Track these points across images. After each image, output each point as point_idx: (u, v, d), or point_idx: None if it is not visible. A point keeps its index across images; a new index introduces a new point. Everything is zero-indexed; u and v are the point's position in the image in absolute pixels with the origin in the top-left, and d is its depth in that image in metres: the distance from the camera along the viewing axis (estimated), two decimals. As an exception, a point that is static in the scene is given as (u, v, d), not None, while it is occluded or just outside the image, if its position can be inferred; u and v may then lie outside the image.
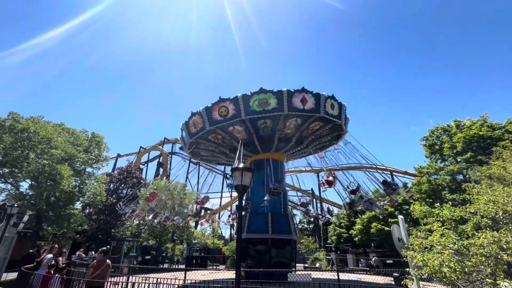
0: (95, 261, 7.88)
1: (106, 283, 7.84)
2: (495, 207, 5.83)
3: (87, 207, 24.97)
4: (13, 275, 13.80)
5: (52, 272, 8.78)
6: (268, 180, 17.20)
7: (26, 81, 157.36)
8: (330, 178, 15.30)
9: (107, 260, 7.79)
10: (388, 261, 21.80)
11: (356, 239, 26.45)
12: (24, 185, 18.73)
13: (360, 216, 23.24)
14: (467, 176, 17.48)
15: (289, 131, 17.36)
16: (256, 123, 16.51)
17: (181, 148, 43.98)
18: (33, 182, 17.53)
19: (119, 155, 48.11)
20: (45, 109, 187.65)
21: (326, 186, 15.19)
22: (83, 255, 16.94)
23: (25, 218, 25.36)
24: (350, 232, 28.07)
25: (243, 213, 17.52)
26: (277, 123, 16.32)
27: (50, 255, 9.47)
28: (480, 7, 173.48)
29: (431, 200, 18.43)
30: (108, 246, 8.49)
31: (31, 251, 13.68)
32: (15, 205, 14.17)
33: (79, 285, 9.05)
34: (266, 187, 17.15)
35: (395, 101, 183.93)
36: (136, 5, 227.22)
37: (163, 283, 9.52)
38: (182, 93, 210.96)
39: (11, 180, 17.62)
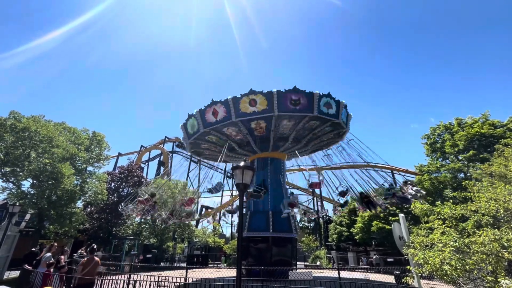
0: (84, 259, 8.02)
1: (95, 279, 8.02)
2: (496, 205, 5.81)
3: (89, 206, 25.02)
4: (15, 274, 13.88)
5: (51, 270, 8.83)
6: (269, 179, 17.19)
7: (27, 82, 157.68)
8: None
9: (96, 258, 7.91)
10: (389, 259, 21.80)
11: (357, 237, 26.46)
12: (26, 184, 18.80)
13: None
14: (468, 174, 17.45)
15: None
16: (279, 121, 16.51)
17: (179, 146, 43.73)
18: (34, 181, 17.57)
19: (120, 154, 48.20)
20: (46, 109, 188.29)
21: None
22: (85, 253, 16.98)
23: (27, 216, 25.51)
24: (350, 230, 28.06)
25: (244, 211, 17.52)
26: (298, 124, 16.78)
27: (49, 254, 9.52)
28: (480, 7, 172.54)
29: (432, 198, 18.42)
30: (95, 245, 8.58)
31: (33, 249, 13.74)
32: (17, 204, 14.25)
33: None
34: (269, 186, 17.14)
35: (395, 100, 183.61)
36: (136, 5, 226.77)
37: (165, 281, 9.55)
38: (182, 93, 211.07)
39: (12, 179, 17.66)
